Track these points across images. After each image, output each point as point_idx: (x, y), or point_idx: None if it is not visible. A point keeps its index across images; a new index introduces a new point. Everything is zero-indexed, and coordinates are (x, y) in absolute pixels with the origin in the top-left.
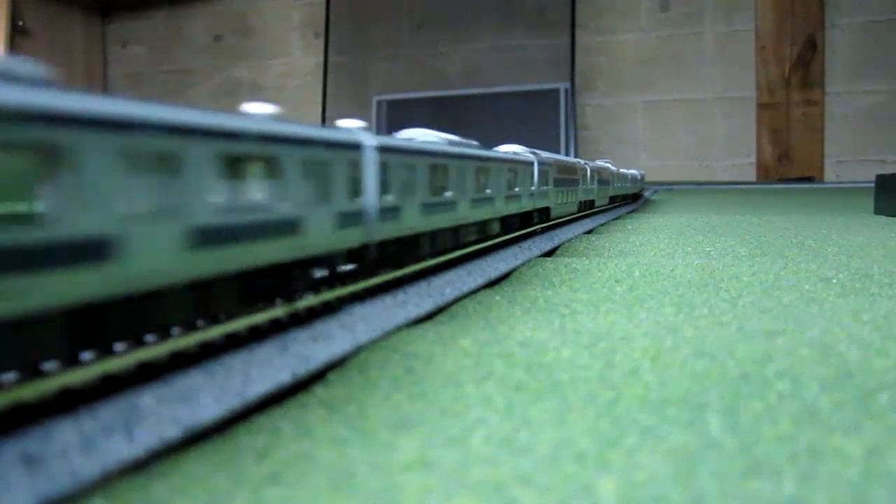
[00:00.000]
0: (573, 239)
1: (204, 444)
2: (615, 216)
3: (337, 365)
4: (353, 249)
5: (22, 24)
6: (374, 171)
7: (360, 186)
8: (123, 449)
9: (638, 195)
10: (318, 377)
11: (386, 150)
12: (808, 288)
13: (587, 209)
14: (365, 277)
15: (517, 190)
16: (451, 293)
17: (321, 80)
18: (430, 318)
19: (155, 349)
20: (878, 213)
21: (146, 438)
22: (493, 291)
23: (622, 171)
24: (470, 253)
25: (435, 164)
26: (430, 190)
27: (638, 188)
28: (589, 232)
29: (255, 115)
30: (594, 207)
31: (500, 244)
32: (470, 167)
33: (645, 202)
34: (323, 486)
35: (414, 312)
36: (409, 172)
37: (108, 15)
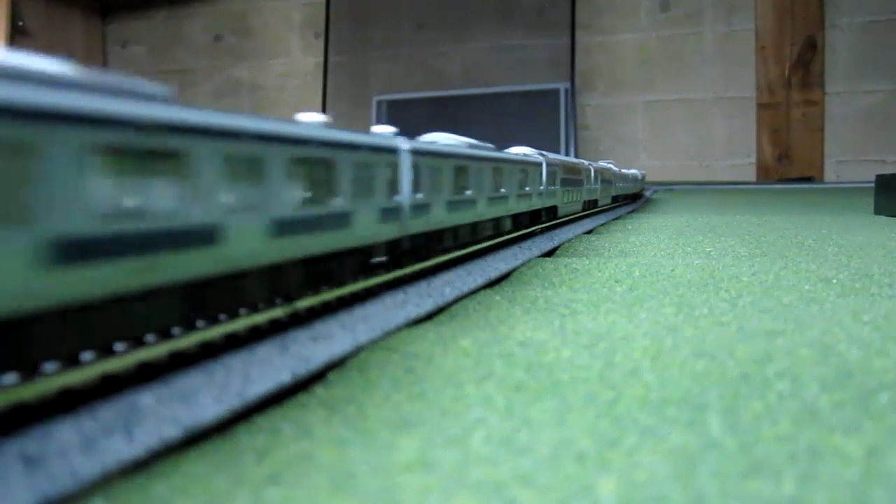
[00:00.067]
0: (573, 239)
1: (204, 444)
2: (615, 216)
3: (337, 365)
4: (390, 241)
5: (22, 24)
6: (408, 171)
7: (397, 185)
8: (123, 449)
9: (639, 194)
10: (318, 377)
11: (418, 153)
12: (808, 288)
13: (591, 208)
14: (400, 267)
15: (528, 189)
16: (451, 293)
17: (321, 80)
18: (430, 318)
19: (155, 349)
20: (878, 213)
21: (146, 438)
22: (493, 291)
23: (624, 171)
24: (470, 253)
25: (458, 165)
26: (453, 189)
27: (639, 188)
28: (589, 232)
29: (311, 123)
30: (598, 207)
31: (500, 244)
32: (487, 168)
33: (645, 202)
34: (323, 486)
35: (414, 312)
36: (436, 173)
37: (108, 15)
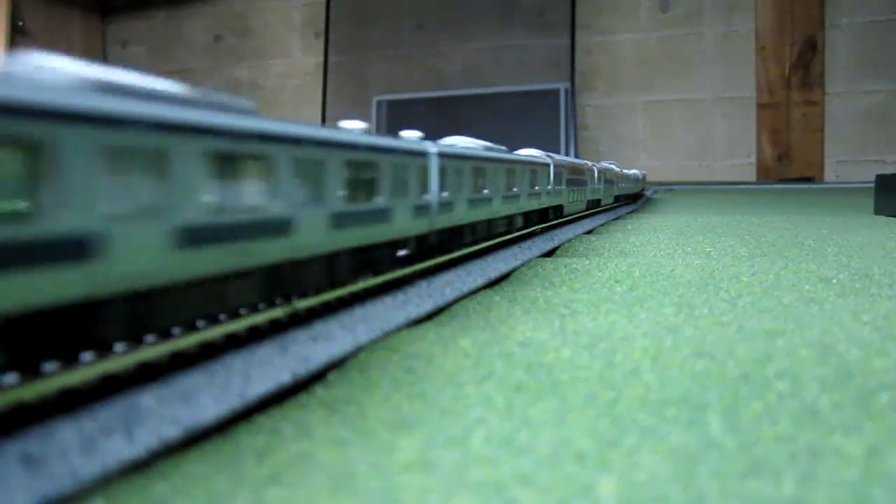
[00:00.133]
0: (573, 239)
1: (204, 444)
2: (615, 216)
3: (337, 365)
4: (420, 235)
5: (22, 24)
6: (435, 173)
7: (426, 185)
8: (123, 449)
9: (639, 194)
10: (318, 377)
11: (444, 156)
12: (808, 288)
13: (595, 207)
14: (429, 258)
15: (537, 189)
16: (451, 293)
17: (321, 80)
18: (430, 318)
19: (155, 349)
20: (878, 213)
21: (146, 439)
22: (493, 292)
23: (625, 171)
24: (470, 253)
25: (476, 166)
26: (473, 188)
27: (639, 187)
28: (589, 232)
29: (356, 130)
30: (601, 206)
31: (500, 244)
32: (501, 169)
33: (645, 202)
34: (323, 486)
35: (414, 313)
36: (458, 174)
37: (108, 15)
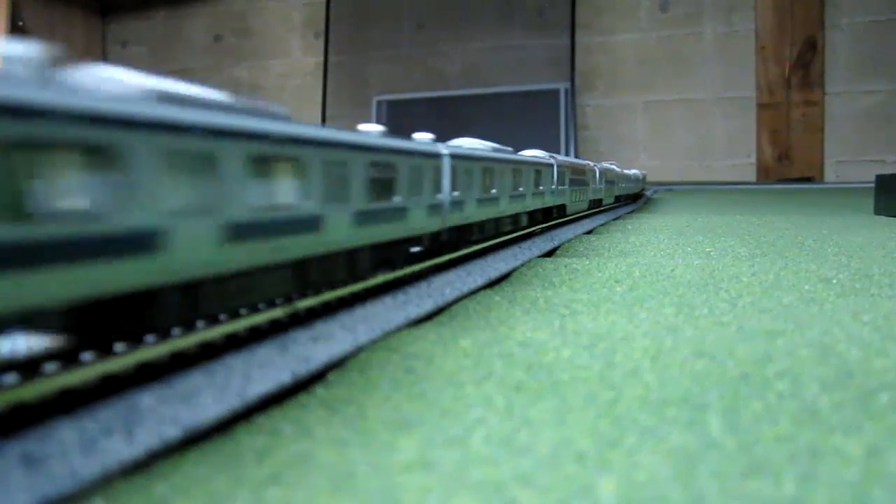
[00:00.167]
0: (573, 239)
1: (204, 444)
2: (615, 216)
3: (337, 365)
4: (433, 232)
5: (22, 24)
6: (448, 173)
7: (439, 185)
8: (123, 449)
9: (640, 194)
10: (318, 377)
11: (455, 157)
12: (807, 288)
13: (596, 207)
14: (440, 255)
15: (541, 188)
16: (451, 293)
17: (321, 80)
18: (430, 318)
19: (155, 349)
20: (878, 213)
21: (146, 439)
22: (492, 292)
23: (625, 171)
24: (470, 253)
25: (485, 167)
26: (482, 188)
27: (640, 187)
28: (589, 232)
29: (376, 133)
30: (602, 206)
31: (500, 244)
32: (508, 169)
33: (645, 202)
34: (323, 486)
35: (414, 313)
36: (469, 174)
37: (108, 15)
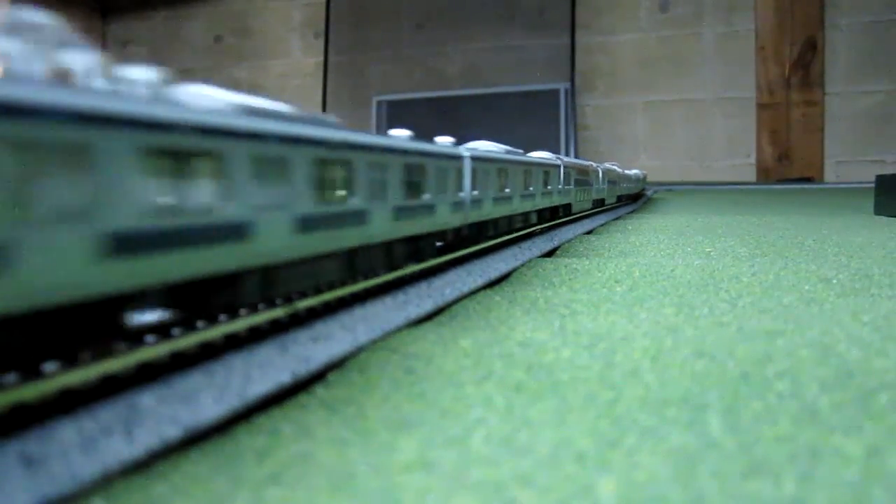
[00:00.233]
0: (573, 239)
1: (204, 444)
2: (615, 216)
3: (337, 365)
4: (456, 227)
5: None
6: (469, 174)
7: (461, 184)
8: (123, 449)
9: (640, 193)
10: (318, 378)
11: (475, 159)
12: (807, 288)
13: (599, 206)
14: (461, 248)
15: (549, 188)
16: (451, 293)
17: (321, 80)
18: (430, 318)
19: (155, 349)
20: (878, 213)
21: (146, 439)
22: (493, 292)
23: (627, 172)
24: (470, 253)
25: (500, 168)
26: (497, 188)
27: (640, 187)
28: (589, 232)
29: (406, 137)
30: (605, 205)
31: (500, 244)
32: (520, 170)
33: (645, 202)
34: (323, 486)
35: (414, 313)
36: (486, 175)
37: (108, 15)
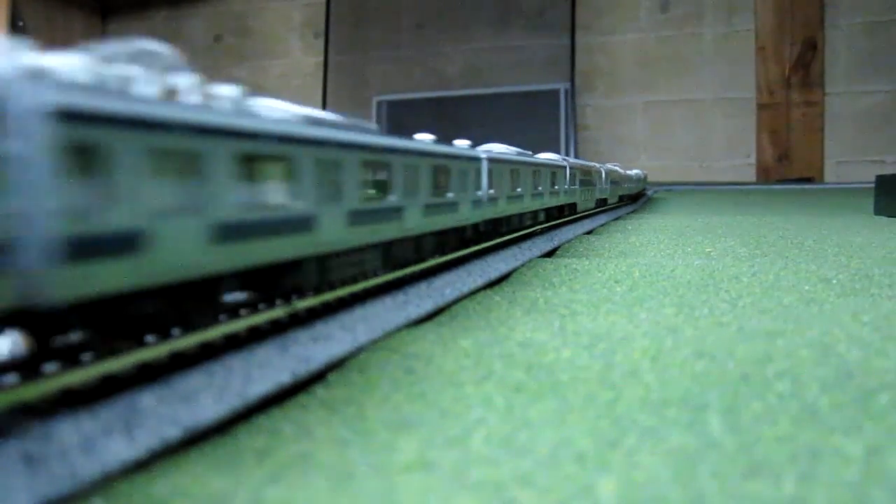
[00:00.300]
0: (573, 239)
1: (204, 444)
2: (615, 216)
3: (337, 366)
4: (474, 223)
5: (22, 24)
6: (486, 174)
7: (479, 184)
8: (124, 449)
9: (641, 193)
10: (318, 378)
11: (491, 160)
12: (807, 288)
13: (602, 206)
14: (478, 243)
15: (556, 188)
16: (451, 294)
17: (321, 80)
18: (430, 318)
19: (155, 349)
20: (878, 213)
21: (146, 439)
22: (492, 292)
23: (628, 172)
24: (470, 253)
25: (513, 169)
26: (510, 187)
27: (641, 187)
28: (589, 232)
29: (431, 140)
30: (607, 205)
31: (499, 244)
32: (530, 171)
33: (645, 202)
34: (323, 486)
35: (414, 313)
36: (501, 175)
37: (108, 15)
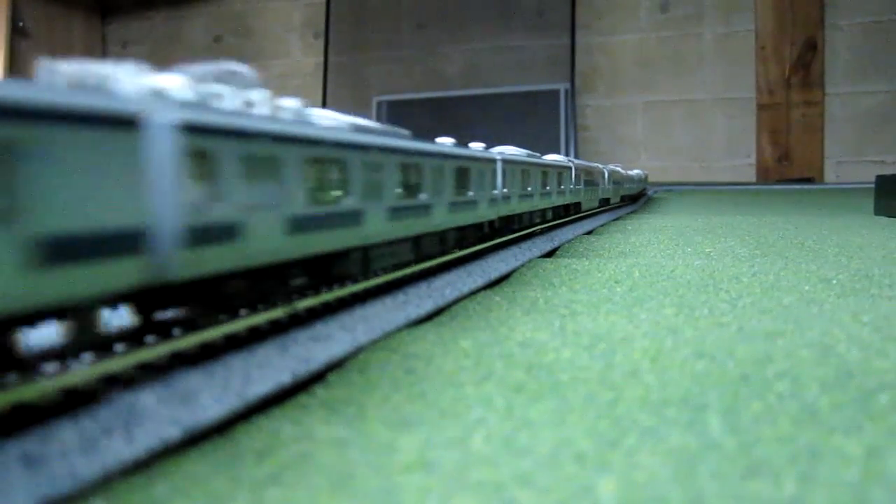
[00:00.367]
0: (573, 240)
1: (204, 444)
2: (615, 216)
3: (337, 366)
4: (490, 220)
5: (22, 24)
6: (500, 174)
7: (495, 183)
8: (123, 449)
9: (642, 193)
10: (318, 378)
11: (505, 161)
12: (807, 289)
13: (605, 205)
14: (493, 238)
15: (562, 188)
16: (451, 294)
17: (321, 80)
18: (430, 318)
19: (155, 349)
20: (878, 213)
21: (146, 439)
22: (493, 292)
23: (629, 173)
24: (471, 253)
25: (524, 169)
26: (522, 186)
27: (641, 187)
28: (589, 233)
29: (451, 143)
30: (609, 204)
31: (500, 245)
32: (539, 171)
33: (646, 202)
34: (323, 486)
35: (414, 313)
36: (513, 175)
37: (108, 15)
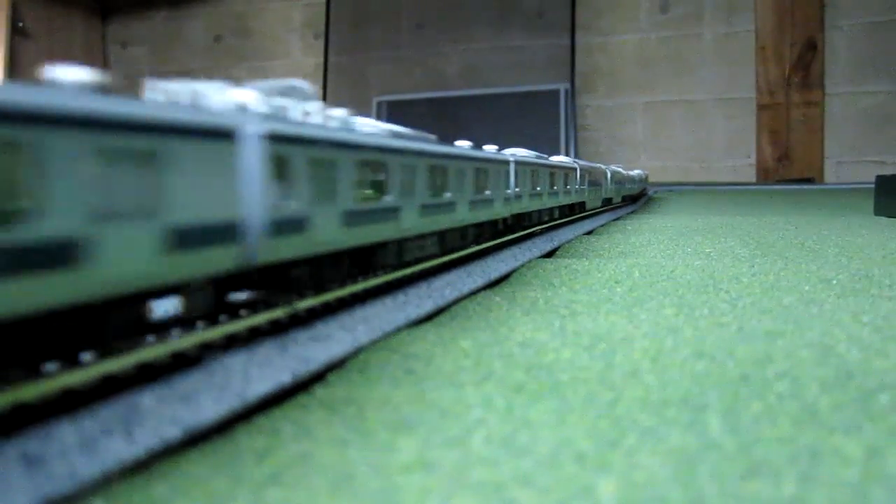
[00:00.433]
0: (573, 240)
1: (204, 444)
2: (615, 217)
3: (337, 366)
4: (504, 217)
5: (22, 24)
6: (513, 175)
7: (508, 183)
8: (123, 449)
9: (642, 193)
10: (318, 378)
11: (517, 163)
12: (808, 289)
13: (607, 205)
14: (505, 235)
15: (568, 188)
16: (451, 294)
17: (321, 80)
18: (430, 319)
19: (155, 349)
20: (878, 214)
21: (146, 439)
22: (493, 292)
23: (630, 173)
24: (471, 254)
25: (534, 170)
26: (531, 186)
27: (642, 187)
28: (589, 233)
29: (469, 146)
30: (612, 204)
31: (500, 245)
32: (547, 172)
33: (646, 202)
34: (323, 486)
35: (414, 313)
36: (524, 176)
37: (108, 15)
